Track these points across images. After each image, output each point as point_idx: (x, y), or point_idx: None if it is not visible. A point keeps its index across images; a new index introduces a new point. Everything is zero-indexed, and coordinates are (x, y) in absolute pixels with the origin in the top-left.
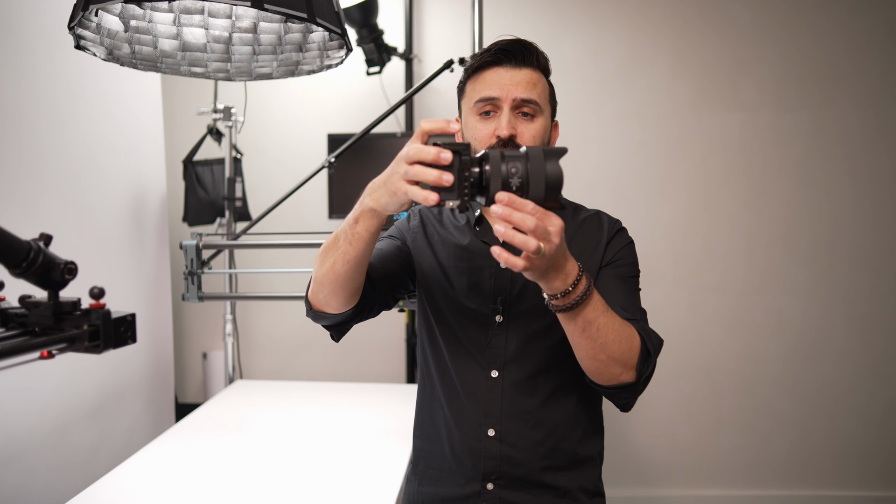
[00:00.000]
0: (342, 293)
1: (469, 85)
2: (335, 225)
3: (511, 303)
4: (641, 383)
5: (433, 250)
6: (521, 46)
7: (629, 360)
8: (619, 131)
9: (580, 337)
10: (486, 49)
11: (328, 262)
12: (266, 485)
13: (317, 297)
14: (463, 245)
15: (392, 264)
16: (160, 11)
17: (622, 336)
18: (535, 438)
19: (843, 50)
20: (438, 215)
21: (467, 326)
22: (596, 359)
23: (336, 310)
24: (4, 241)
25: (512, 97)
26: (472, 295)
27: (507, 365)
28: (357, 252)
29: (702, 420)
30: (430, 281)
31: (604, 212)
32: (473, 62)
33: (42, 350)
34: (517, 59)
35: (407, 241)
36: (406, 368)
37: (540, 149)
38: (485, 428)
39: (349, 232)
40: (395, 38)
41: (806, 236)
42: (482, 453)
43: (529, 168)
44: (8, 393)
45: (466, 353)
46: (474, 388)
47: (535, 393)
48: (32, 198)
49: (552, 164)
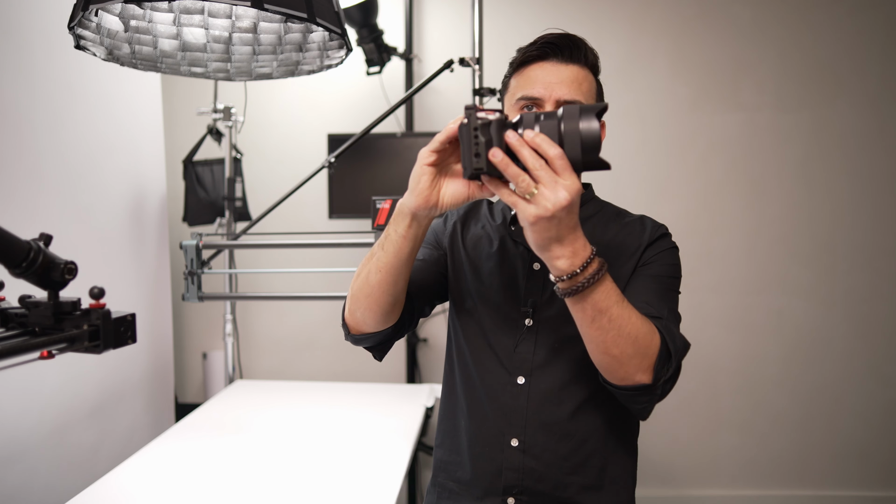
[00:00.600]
0: (377, 308)
1: (513, 80)
2: (335, 225)
3: (542, 307)
4: (660, 387)
5: (466, 250)
6: (569, 41)
7: (645, 358)
8: (620, 131)
9: (590, 327)
10: (532, 42)
11: (363, 273)
12: (266, 485)
13: (353, 317)
14: (497, 245)
15: (429, 274)
16: (160, 11)
17: (639, 332)
18: (562, 452)
19: (843, 49)
20: (476, 215)
21: (495, 329)
22: (608, 353)
23: (374, 328)
24: (4, 241)
25: (555, 97)
26: (501, 296)
27: (535, 372)
28: (389, 258)
29: (702, 420)
30: (461, 282)
31: (648, 217)
32: (518, 56)
33: (42, 350)
34: (564, 55)
35: (443, 243)
36: (406, 368)
37: (577, 107)
38: (508, 438)
39: (382, 238)
40: (395, 38)
41: (806, 236)
42: (504, 465)
43: (563, 128)
44: (8, 393)
45: (493, 358)
46: (499, 395)
47: (564, 403)
48: (32, 198)
49: (587, 120)
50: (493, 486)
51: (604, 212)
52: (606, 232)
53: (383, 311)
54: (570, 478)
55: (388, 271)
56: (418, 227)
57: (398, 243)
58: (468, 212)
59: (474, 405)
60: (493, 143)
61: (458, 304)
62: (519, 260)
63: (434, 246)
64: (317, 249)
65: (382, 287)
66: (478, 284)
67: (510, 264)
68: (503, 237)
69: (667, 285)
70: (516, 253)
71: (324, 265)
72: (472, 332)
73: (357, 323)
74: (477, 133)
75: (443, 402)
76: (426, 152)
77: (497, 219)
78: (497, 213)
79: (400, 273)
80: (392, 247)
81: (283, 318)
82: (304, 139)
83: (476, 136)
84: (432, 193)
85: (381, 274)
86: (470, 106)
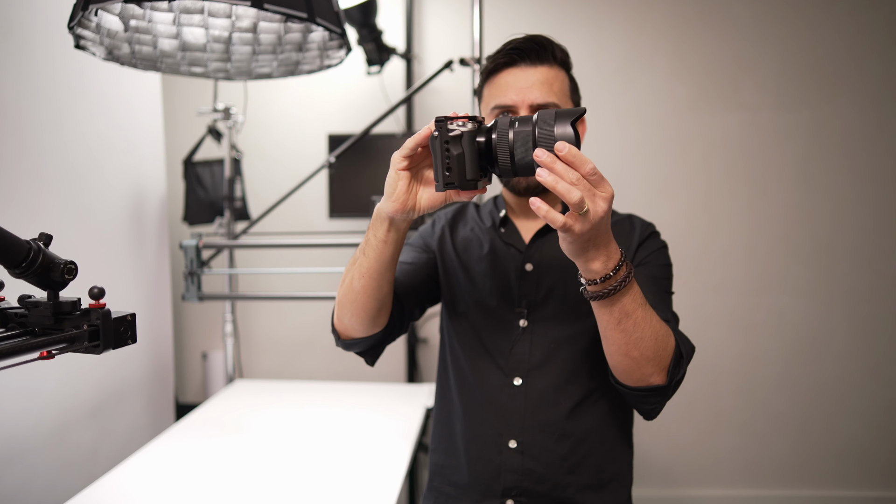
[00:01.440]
0: (363, 314)
1: (486, 89)
2: (335, 225)
3: (536, 307)
4: (672, 388)
5: (456, 253)
6: (534, 44)
7: (662, 360)
8: (620, 131)
9: (615, 330)
10: (499, 50)
11: (347, 279)
12: (266, 485)
13: (341, 322)
14: (487, 247)
15: (417, 277)
16: (160, 11)
17: (658, 334)
18: (560, 452)
19: (843, 49)
20: (464, 218)
21: (490, 331)
22: (628, 355)
23: (362, 333)
24: (4, 241)
25: (528, 102)
26: (495, 299)
27: (531, 372)
28: (371, 263)
29: (702, 420)
30: (453, 285)
31: (636, 215)
32: (488, 65)
33: (42, 350)
34: (532, 58)
35: (432, 246)
36: (406, 368)
37: (552, 112)
38: (506, 439)
39: (363, 243)
40: (395, 38)
41: (806, 236)
42: (502, 467)
43: (538, 133)
44: (8, 393)
45: (488, 360)
46: (495, 396)
47: (561, 403)
48: (32, 198)
49: (562, 126)
50: (492, 488)
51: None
52: None
53: (370, 316)
54: (568, 478)
55: (370, 276)
56: (397, 232)
57: (378, 248)
58: (455, 215)
59: (470, 408)
60: (464, 157)
61: (451, 307)
62: (510, 261)
63: (422, 249)
64: (317, 249)
65: (367, 292)
66: (470, 287)
67: (502, 266)
68: (493, 239)
69: (663, 286)
70: (507, 255)
71: (324, 265)
72: (466, 334)
73: (345, 329)
74: (448, 146)
75: (437, 406)
76: (398, 157)
77: (486, 221)
78: (485, 216)
79: (383, 277)
80: (373, 252)
81: (283, 318)
82: (304, 139)
83: (447, 150)
84: (409, 198)
85: (365, 279)
86: (440, 118)
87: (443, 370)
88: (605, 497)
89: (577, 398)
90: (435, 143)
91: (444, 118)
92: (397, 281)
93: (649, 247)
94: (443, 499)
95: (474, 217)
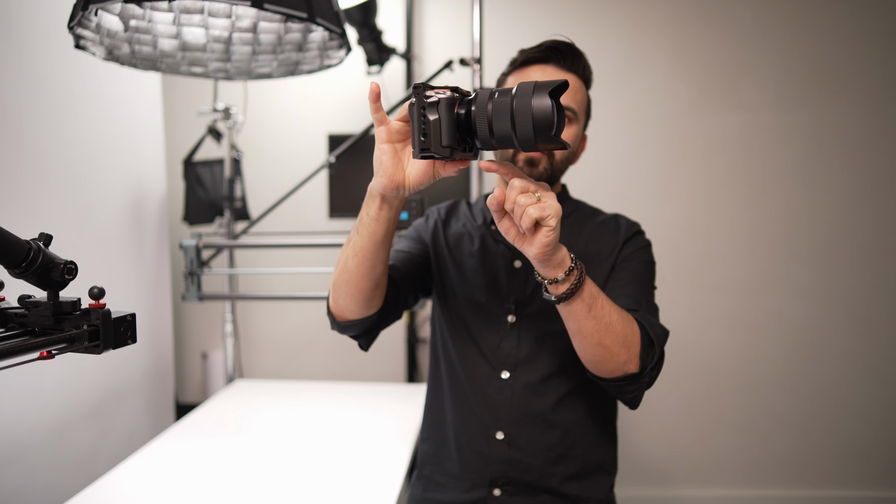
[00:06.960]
0: (358, 294)
1: (511, 78)
2: (335, 225)
3: (524, 303)
4: (647, 374)
5: (448, 247)
6: (572, 50)
7: (632, 345)
8: (620, 131)
9: (587, 318)
10: (537, 45)
11: (342, 260)
12: (266, 485)
13: (337, 304)
14: (478, 243)
15: (413, 264)
16: (160, 11)
17: (623, 316)
18: (546, 443)
19: (843, 49)
20: (456, 214)
21: (479, 326)
22: (601, 344)
23: (357, 314)
24: (4, 241)
25: None
26: (484, 294)
27: (519, 366)
28: (364, 242)
29: (702, 420)
30: (445, 279)
31: (622, 215)
32: (519, 56)
33: (41, 350)
34: (566, 62)
35: (426, 239)
36: (406, 368)
37: (531, 83)
38: (493, 431)
39: (357, 223)
40: (395, 37)
41: (806, 236)
42: (490, 457)
43: (515, 105)
44: (8, 393)
45: (477, 354)
46: (484, 389)
47: (547, 396)
48: (32, 198)
49: (540, 97)
50: (481, 477)
51: (579, 211)
52: (583, 230)
53: (364, 297)
54: (553, 468)
55: (364, 255)
56: (389, 209)
57: (371, 226)
58: (449, 210)
59: (460, 399)
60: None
61: (442, 300)
62: (500, 258)
63: (416, 240)
64: (317, 249)
65: (361, 271)
66: (461, 282)
67: (492, 262)
68: (483, 235)
69: (645, 280)
70: (497, 251)
71: (324, 265)
72: (456, 328)
73: (341, 310)
74: (424, 112)
75: (428, 397)
76: (378, 130)
77: (477, 219)
78: (477, 213)
79: (377, 256)
80: (366, 230)
81: (283, 318)
82: (304, 139)
83: (423, 116)
84: (396, 173)
85: (359, 258)
86: (418, 84)
87: (434, 362)
88: (589, 486)
89: (563, 391)
90: (412, 110)
91: (422, 84)
92: (393, 266)
93: (634, 244)
94: (432, 486)
95: (466, 214)
